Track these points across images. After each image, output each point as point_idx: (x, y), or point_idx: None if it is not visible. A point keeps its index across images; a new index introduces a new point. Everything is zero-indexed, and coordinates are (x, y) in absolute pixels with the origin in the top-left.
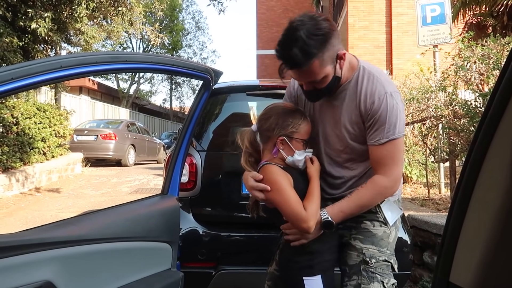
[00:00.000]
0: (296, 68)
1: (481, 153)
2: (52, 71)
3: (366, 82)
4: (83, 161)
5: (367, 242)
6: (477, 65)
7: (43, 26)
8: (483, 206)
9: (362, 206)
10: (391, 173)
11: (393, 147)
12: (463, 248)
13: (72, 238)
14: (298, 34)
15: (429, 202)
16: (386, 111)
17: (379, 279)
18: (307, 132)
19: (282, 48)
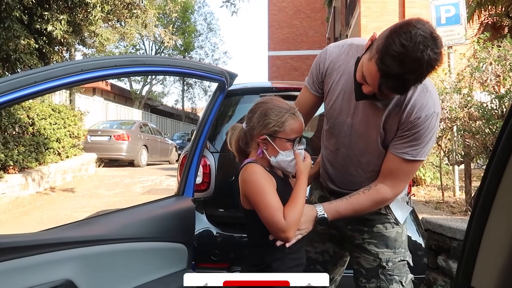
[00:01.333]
0: (399, 93)
1: (504, 156)
2: (73, 75)
3: (419, 94)
4: (97, 161)
5: (382, 246)
6: (493, 67)
7: (59, 29)
8: (506, 210)
9: (358, 212)
10: (398, 188)
11: (412, 167)
12: (485, 252)
13: (91, 237)
14: (421, 57)
15: (443, 205)
16: (426, 130)
17: (398, 279)
18: (295, 130)
19: (397, 66)
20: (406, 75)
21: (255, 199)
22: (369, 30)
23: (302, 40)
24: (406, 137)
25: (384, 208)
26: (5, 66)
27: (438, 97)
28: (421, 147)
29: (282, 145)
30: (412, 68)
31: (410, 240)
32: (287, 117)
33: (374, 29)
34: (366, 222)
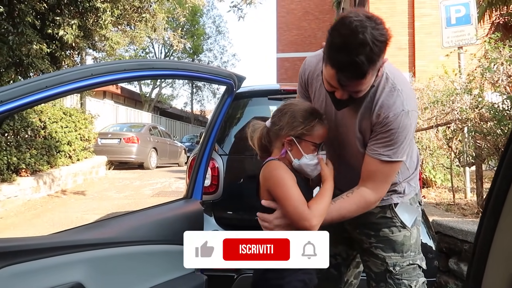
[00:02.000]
0: (356, 79)
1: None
2: (84, 79)
3: (387, 94)
4: (107, 164)
5: (388, 251)
6: (504, 67)
7: (70, 33)
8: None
9: (345, 216)
10: (379, 190)
11: (390, 168)
12: (496, 255)
13: (101, 240)
14: (363, 38)
15: (454, 207)
16: (398, 129)
17: (407, 284)
18: (321, 136)
19: (343, 55)
20: (356, 58)
21: (279, 192)
22: None
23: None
24: (379, 138)
25: (389, 211)
26: (18, 71)
27: (411, 95)
28: (396, 147)
29: (307, 149)
30: (359, 51)
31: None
32: (316, 122)
33: None
34: (373, 226)
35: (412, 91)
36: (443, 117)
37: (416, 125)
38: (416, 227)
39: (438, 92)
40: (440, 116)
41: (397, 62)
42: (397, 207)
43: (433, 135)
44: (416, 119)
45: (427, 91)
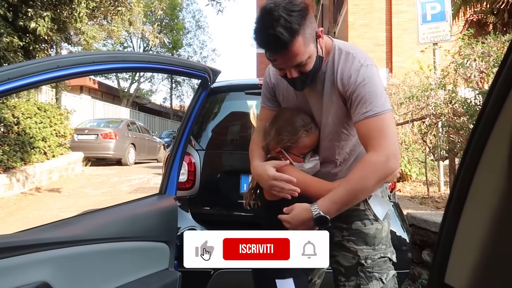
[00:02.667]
0: (282, 49)
1: (477, 152)
2: (49, 71)
3: (343, 60)
4: (84, 160)
5: (360, 243)
6: (477, 63)
7: (43, 26)
8: (478, 206)
9: (355, 190)
10: (380, 146)
11: (381, 122)
12: (459, 249)
13: (69, 238)
14: (276, 13)
15: (428, 200)
16: (364, 81)
17: (377, 276)
18: (307, 146)
19: (263, 32)
20: (273, 31)
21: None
22: (357, 27)
23: None
24: (355, 100)
25: (363, 203)
26: None
27: (364, 55)
28: (373, 98)
29: (295, 159)
30: (274, 25)
31: (394, 236)
32: (300, 134)
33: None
34: (345, 218)
35: (365, 53)
36: (418, 112)
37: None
38: (387, 220)
39: (414, 87)
40: (416, 111)
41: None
42: (370, 199)
43: (409, 130)
44: (378, 76)
45: (403, 87)
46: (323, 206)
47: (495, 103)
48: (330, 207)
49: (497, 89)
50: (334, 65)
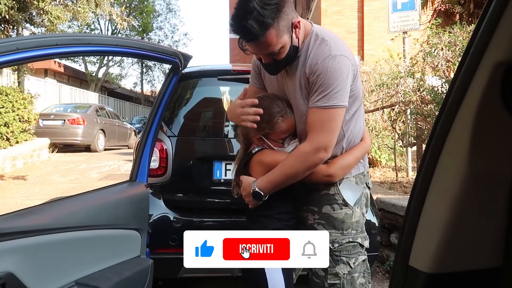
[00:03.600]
0: (254, 40)
1: (441, 139)
2: (8, 53)
3: (317, 46)
4: (50, 146)
5: (329, 227)
6: (444, 52)
7: (3, 4)
8: (441, 191)
9: (287, 175)
10: (314, 139)
11: (328, 115)
12: (422, 232)
13: (35, 227)
14: (251, 5)
15: (397, 186)
16: (326, 73)
17: (345, 260)
18: (285, 131)
19: (237, 21)
20: (245, 23)
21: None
22: (329, 14)
23: None
24: (314, 87)
25: (333, 188)
26: None
27: (339, 44)
28: (329, 91)
29: (274, 144)
30: (247, 17)
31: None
32: (276, 120)
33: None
34: (316, 202)
35: (342, 42)
36: (388, 100)
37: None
38: (359, 208)
39: (384, 75)
40: (386, 98)
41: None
42: (341, 184)
43: (379, 117)
44: (348, 64)
45: (373, 74)
46: (260, 184)
47: (458, 90)
48: (265, 185)
49: (460, 77)
50: (309, 50)
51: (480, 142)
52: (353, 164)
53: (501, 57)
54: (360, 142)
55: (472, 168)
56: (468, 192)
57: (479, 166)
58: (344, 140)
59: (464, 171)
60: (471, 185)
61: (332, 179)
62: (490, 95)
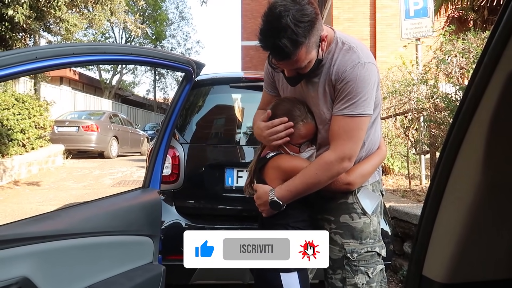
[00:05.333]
0: (286, 59)
1: (455, 148)
2: (27, 63)
3: (343, 53)
4: (64, 153)
5: (347, 237)
6: (457, 59)
7: (21, 13)
8: (455, 200)
9: (308, 184)
10: (340, 148)
11: (354, 124)
12: (436, 242)
13: (50, 233)
14: (284, 22)
15: (410, 194)
16: (356, 81)
17: (363, 270)
18: (303, 136)
19: (269, 39)
20: (278, 42)
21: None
22: (341, 21)
23: None
24: (340, 95)
25: (351, 197)
26: None
27: (367, 52)
28: (357, 100)
29: (291, 148)
30: (280, 35)
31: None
32: (295, 124)
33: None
34: (333, 211)
35: (368, 50)
36: (401, 107)
37: (377, 79)
38: (378, 215)
39: (397, 82)
40: (398, 105)
41: None
42: (359, 193)
43: (392, 124)
44: (376, 73)
45: (386, 82)
46: (279, 193)
47: (472, 99)
48: (285, 194)
49: (474, 86)
50: (334, 57)
51: (495, 151)
52: (372, 172)
53: None
54: (377, 150)
55: (487, 178)
56: (483, 202)
57: (493, 175)
58: (364, 148)
59: (479, 181)
60: (485, 195)
61: (351, 187)
62: (504, 104)
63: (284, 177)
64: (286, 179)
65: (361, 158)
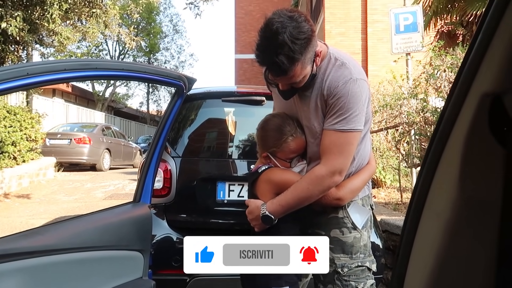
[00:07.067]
0: (282, 75)
1: (433, 164)
2: (18, 79)
3: (335, 69)
4: (56, 165)
5: (338, 251)
6: (446, 73)
7: (14, 26)
8: (435, 216)
9: (300, 198)
10: (331, 163)
11: (344, 139)
12: (417, 256)
13: (39, 248)
14: (281, 39)
15: (401, 207)
16: (348, 96)
17: (354, 285)
18: (293, 151)
19: (266, 55)
20: (275, 58)
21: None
22: (333, 35)
23: None
24: (332, 109)
25: (341, 211)
26: None
27: (358, 68)
28: (348, 115)
29: (282, 163)
30: (278, 51)
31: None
32: (285, 139)
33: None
34: (323, 226)
35: (360, 66)
36: (392, 120)
37: (368, 96)
38: (368, 229)
39: (387, 96)
40: (389, 119)
41: None
42: (349, 207)
43: (383, 137)
44: (367, 89)
45: (377, 95)
46: (270, 207)
47: (448, 120)
48: (276, 209)
49: (449, 107)
50: (326, 72)
51: (470, 169)
52: (361, 187)
53: (488, 88)
54: (367, 165)
55: (463, 194)
56: (460, 218)
57: (469, 192)
58: (354, 163)
59: (455, 197)
60: (462, 211)
61: (341, 202)
62: (478, 124)
63: (276, 190)
64: (278, 192)
65: (351, 173)
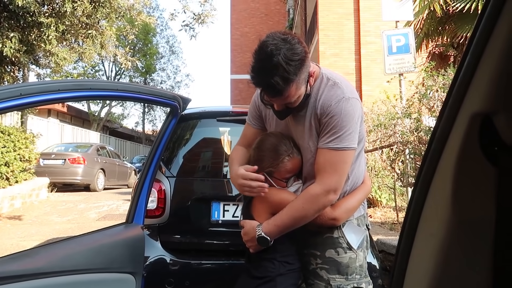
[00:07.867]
0: (278, 96)
1: (425, 186)
2: (11, 99)
3: (328, 89)
4: (49, 186)
5: (333, 272)
6: (439, 93)
7: (9, 47)
8: (429, 236)
9: (295, 218)
10: (325, 181)
11: (338, 157)
12: (411, 278)
13: (28, 271)
14: (276, 60)
15: (398, 226)
16: (341, 115)
17: None
18: (289, 171)
19: (261, 77)
20: (271, 80)
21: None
22: (327, 56)
23: None
24: (326, 129)
25: (337, 231)
26: None
27: (350, 88)
28: (342, 133)
29: (278, 183)
30: (273, 73)
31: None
32: (282, 159)
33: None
34: (319, 246)
35: (352, 86)
36: (387, 140)
37: (361, 114)
38: (363, 251)
39: (381, 115)
40: (384, 138)
41: None
42: (344, 227)
43: (378, 156)
44: (359, 108)
45: (371, 115)
46: (266, 228)
47: (439, 141)
48: (272, 229)
49: (440, 128)
50: (319, 92)
51: (462, 189)
52: (357, 206)
53: (478, 108)
54: (361, 184)
55: (455, 215)
56: (453, 238)
57: (462, 212)
58: (349, 182)
59: (448, 218)
60: (455, 231)
61: (336, 222)
62: (469, 144)
63: (271, 210)
64: (274, 212)
65: (345, 192)
